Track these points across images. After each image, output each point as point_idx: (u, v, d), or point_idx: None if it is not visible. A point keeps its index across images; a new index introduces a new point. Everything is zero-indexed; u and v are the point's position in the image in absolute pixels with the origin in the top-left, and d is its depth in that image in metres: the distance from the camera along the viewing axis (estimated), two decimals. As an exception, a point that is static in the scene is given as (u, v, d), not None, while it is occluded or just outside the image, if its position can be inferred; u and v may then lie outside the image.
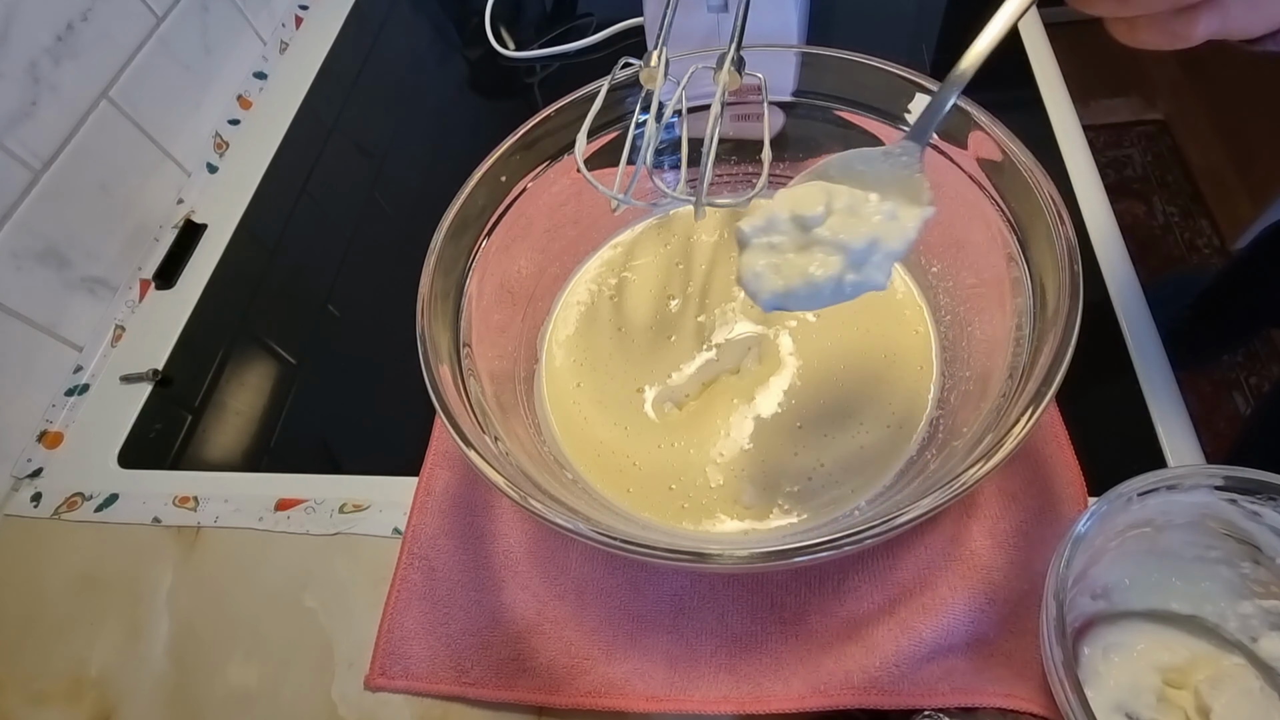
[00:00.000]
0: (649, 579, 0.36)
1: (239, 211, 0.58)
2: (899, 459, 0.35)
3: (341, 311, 0.52)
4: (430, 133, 0.63)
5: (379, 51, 0.69)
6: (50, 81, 0.48)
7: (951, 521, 0.35)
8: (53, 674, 0.39)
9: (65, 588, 0.42)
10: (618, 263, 0.44)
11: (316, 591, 0.39)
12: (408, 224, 0.56)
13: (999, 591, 0.33)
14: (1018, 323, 0.31)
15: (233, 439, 0.47)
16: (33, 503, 0.46)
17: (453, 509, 0.39)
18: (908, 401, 0.37)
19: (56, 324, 0.49)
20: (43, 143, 0.48)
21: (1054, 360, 0.27)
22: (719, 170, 0.44)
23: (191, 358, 0.51)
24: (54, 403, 0.49)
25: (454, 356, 0.34)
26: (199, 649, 0.38)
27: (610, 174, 0.36)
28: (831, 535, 0.25)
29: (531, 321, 0.42)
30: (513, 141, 0.38)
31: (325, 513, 0.42)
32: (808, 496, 0.35)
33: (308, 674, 0.37)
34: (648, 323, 0.41)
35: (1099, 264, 0.43)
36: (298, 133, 0.63)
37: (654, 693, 0.33)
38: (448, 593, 0.37)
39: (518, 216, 0.39)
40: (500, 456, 0.30)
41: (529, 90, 0.64)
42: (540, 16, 0.68)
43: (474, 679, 0.35)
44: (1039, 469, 0.36)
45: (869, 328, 0.39)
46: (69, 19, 0.49)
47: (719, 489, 0.36)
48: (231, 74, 0.64)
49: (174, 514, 0.43)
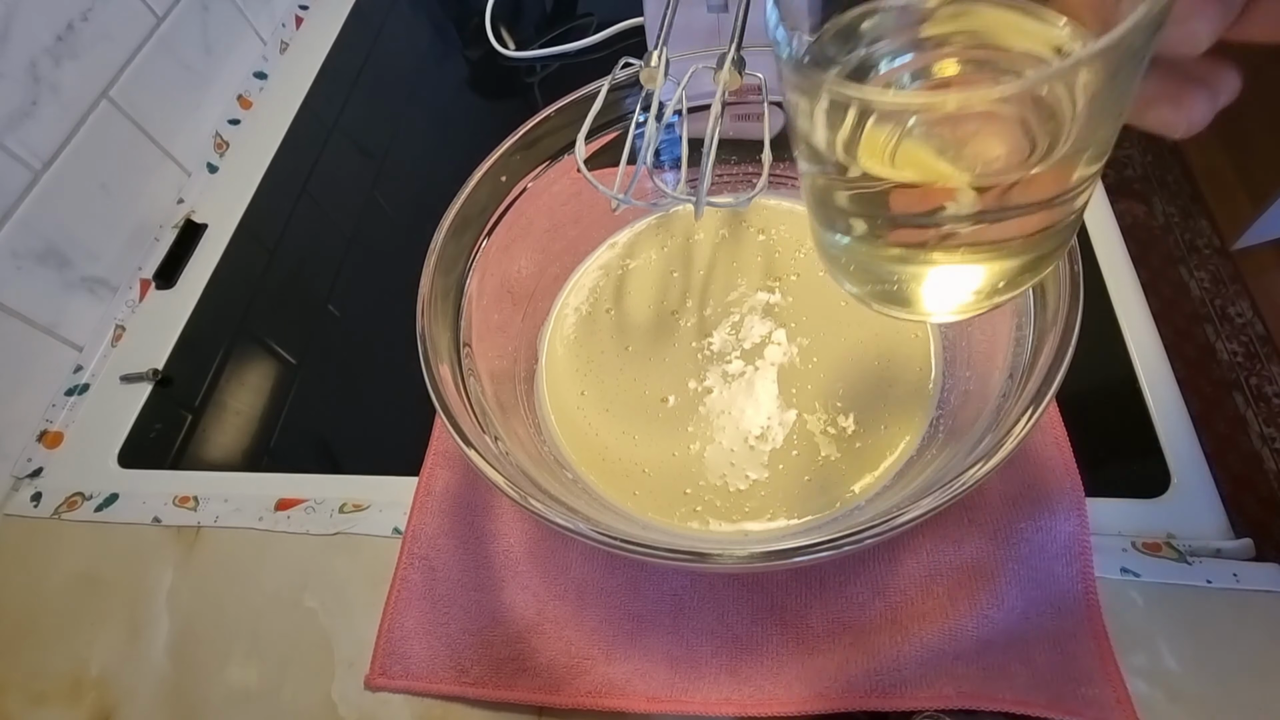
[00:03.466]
0: (649, 579, 0.36)
1: (239, 211, 0.58)
2: (899, 459, 0.35)
3: (342, 311, 0.52)
4: (431, 132, 0.63)
5: (379, 51, 0.70)
6: (50, 81, 0.48)
7: (951, 522, 0.35)
8: (53, 674, 0.39)
9: (65, 588, 0.42)
10: (617, 263, 0.44)
11: (316, 591, 0.39)
12: (408, 224, 0.56)
13: (998, 592, 0.33)
14: (1018, 323, 0.31)
15: (233, 439, 0.47)
16: (33, 502, 0.46)
17: (453, 509, 0.39)
18: (908, 401, 0.37)
19: (57, 324, 0.49)
20: (43, 142, 0.48)
21: (1054, 361, 0.27)
22: (719, 170, 0.44)
23: (191, 357, 0.51)
24: (54, 402, 0.49)
25: (454, 356, 0.34)
26: (199, 649, 0.38)
27: (610, 174, 0.36)
28: (831, 535, 0.25)
29: (532, 321, 0.42)
30: (513, 141, 0.38)
31: (325, 512, 0.42)
32: (807, 497, 0.35)
33: (308, 673, 0.37)
34: (648, 324, 0.41)
35: (1099, 264, 0.43)
36: (298, 133, 0.63)
37: (655, 693, 0.33)
38: (448, 592, 0.37)
39: (518, 216, 0.39)
40: (500, 456, 0.30)
41: (529, 90, 0.64)
42: (540, 16, 0.68)
43: (474, 679, 0.35)
44: (1038, 470, 0.36)
45: (869, 328, 0.39)
46: (69, 19, 0.49)
47: (719, 489, 0.35)
48: (232, 74, 0.64)
49: (174, 514, 0.43)
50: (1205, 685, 0.31)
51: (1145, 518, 0.36)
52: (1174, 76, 0.19)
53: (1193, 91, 0.19)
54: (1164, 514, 0.36)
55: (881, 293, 0.24)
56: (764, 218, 0.44)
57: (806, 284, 0.41)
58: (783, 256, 0.42)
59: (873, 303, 0.24)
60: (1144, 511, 0.36)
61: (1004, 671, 0.31)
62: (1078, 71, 0.15)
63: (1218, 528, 0.35)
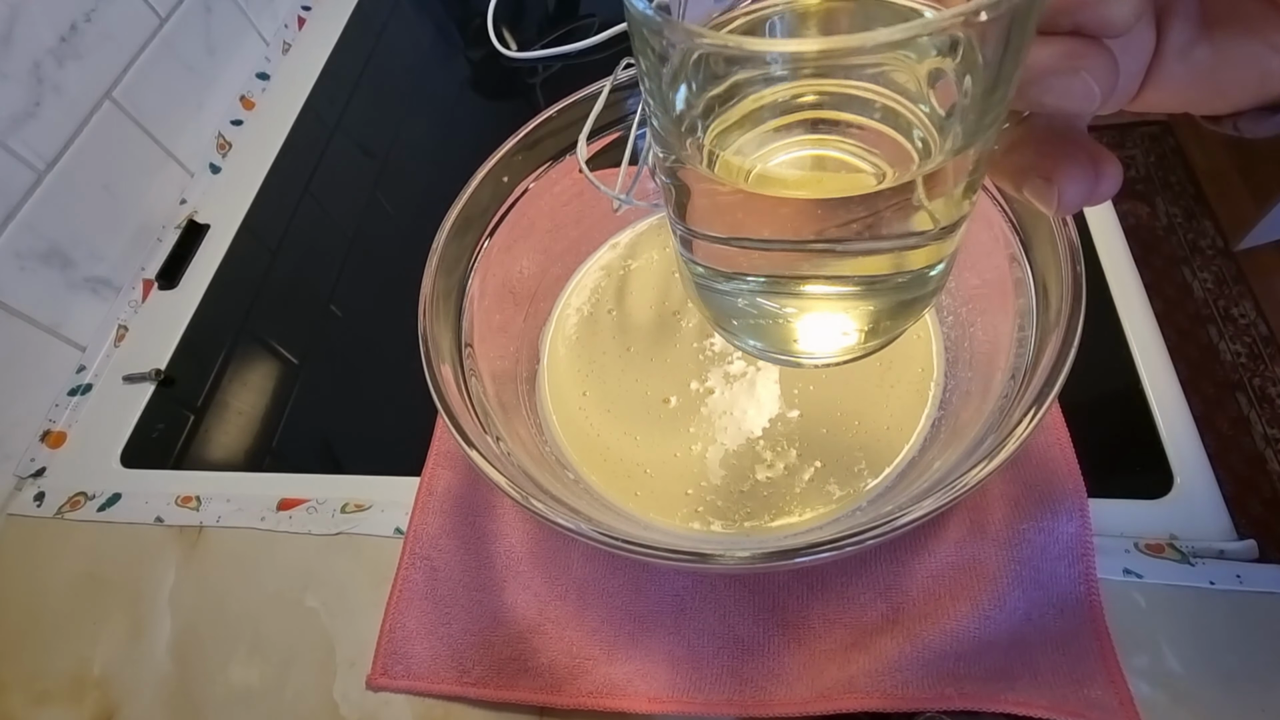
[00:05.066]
0: (651, 579, 0.36)
1: (242, 212, 0.58)
2: (900, 460, 0.35)
3: (344, 311, 0.52)
4: (433, 133, 0.63)
5: (381, 52, 0.70)
6: (54, 82, 0.48)
7: (953, 523, 0.35)
8: (55, 673, 0.39)
9: (68, 587, 0.42)
10: (619, 263, 0.44)
11: (318, 591, 0.39)
12: (410, 224, 0.56)
13: (1000, 594, 0.33)
14: (1020, 324, 0.31)
15: (235, 439, 0.47)
16: (35, 502, 0.46)
17: (454, 509, 0.39)
18: (909, 402, 0.37)
19: (60, 324, 0.49)
20: (46, 143, 0.48)
21: (1056, 361, 0.27)
22: (721, 171, 0.44)
23: (194, 358, 0.51)
24: (57, 402, 0.49)
25: (456, 356, 0.34)
26: (201, 648, 0.38)
27: (612, 174, 0.36)
28: (833, 536, 0.25)
29: (533, 321, 0.42)
30: (515, 142, 0.38)
31: (327, 512, 0.42)
32: (808, 497, 0.35)
33: (309, 673, 0.37)
34: (650, 324, 0.41)
35: (1102, 265, 0.43)
36: (300, 133, 0.63)
37: (656, 694, 0.33)
38: (449, 592, 0.37)
39: (520, 216, 0.39)
40: (502, 456, 0.30)
41: (531, 90, 0.64)
42: (542, 17, 0.68)
43: (475, 679, 0.35)
44: (1041, 471, 0.36)
45: (871, 328, 0.39)
46: (72, 20, 0.50)
47: (721, 490, 0.35)
48: (234, 74, 0.64)
49: (176, 513, 0.43)
50: (1208, 687, 0.31)
51: (1148, 519, 0.36)
52: (1059, 146, 0.18)
53: (1073, 168, 0.17)
54: (1167, 515, 0.36)
55: (741, 328, 0.23)
56: (766, 218, 0.44)
57: (808, 284, 0.41)
58: (784, 257, 0.42)
59: (732, 338, 0.24)
60: (1147, 513, 0.36)
61: (1006, 673, 0.31)
62: (959, 25, 0.14)
63: (1221, 529, 0.35)
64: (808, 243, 0.19)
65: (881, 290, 0.21)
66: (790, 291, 0.21)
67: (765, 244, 0.20)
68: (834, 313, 0.22)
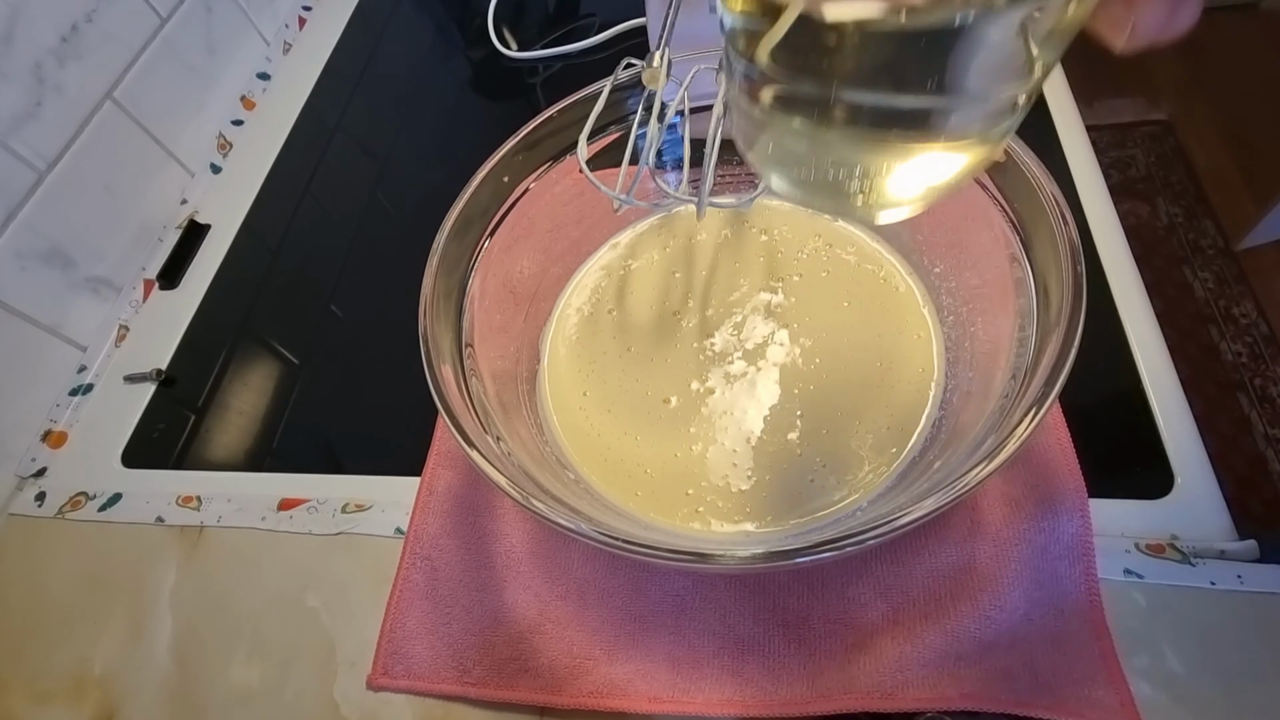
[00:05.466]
0: (651, 580, 0.36)
1: (242, 212, 0.58)
2: (901, 460, 0.35)
3: (344, 311, 0.52)
4: (433, 133, 0.63)
5: (382, 52, 0.70)
6: (55, 82, 0.48)
7: (954, 523, 0.35)
8: (56, 673, 0.39)
9: (69, 587, 0.42)
10: (619, 263, 0.44)
11: (319, 591, 0.39)
12: (410, 224, 0.56)
13: (1001, 594, 0.33)
14: (1020, 324, 0.31)
15: (236, 439, 0.47)
16: (36, 502, 0.46)
17: (455, 509, 0.39)
18: (910, 402, 0.37)
19: (61, 324, 0.50)
20: (47, 143, 0.48)
21: (1057, 362, 0.27)
22: (721, 171, 0.44)
23: (195, 358, 0.51)
24: (58, 402, 0.49)
25: (456, 356, 0.34)
26: (202, 648, 0.39)
27: (612, 174, 0.36)
28: (833, 536, 0.25)
29: (534, 321, 0.42)
30: (515, 142, 0.38)
31: (328, 512, 0.42)
32: (809, 497, 0.35)
33: (310, 673, 0.37)
34: (650, 325, 0.41)
35: (1102, 265, 0.43)
36: (301, 133, 0.63)
37: (657, 694, 0.33)
38: (450, 593, 0.37)
39: (520, 216, 0.39)
40: (502, 456, 0.30)
41: (532, 90, 0.64)
42: (543, 17, 0.68)
43: (476, 679, 0.35)
44: (1041, 471, 0.36)
45: (871, 328, 0.39)
46: (73, 20, 0.50)
47: (721, 490, 0.35)
48: (235, 74, 0.65)
49: (177, 513, 0.43)
50: (1209, 687, 0.31)
51: (1149, 519, 0.36)
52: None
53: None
54: (1168, 515, 0.36)
55: (806, 181, 0.23)
56: (766, 218, 0.44)
57: (809, 284, 0.41)
58: (785, 257, 0.42)
59: (797, 191, 0.23)
60: (1147, 513, 0.36)
61: (1006, 673, 0.31)
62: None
63: (1222, 529, 0.35)
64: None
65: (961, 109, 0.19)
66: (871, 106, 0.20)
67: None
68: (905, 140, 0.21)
